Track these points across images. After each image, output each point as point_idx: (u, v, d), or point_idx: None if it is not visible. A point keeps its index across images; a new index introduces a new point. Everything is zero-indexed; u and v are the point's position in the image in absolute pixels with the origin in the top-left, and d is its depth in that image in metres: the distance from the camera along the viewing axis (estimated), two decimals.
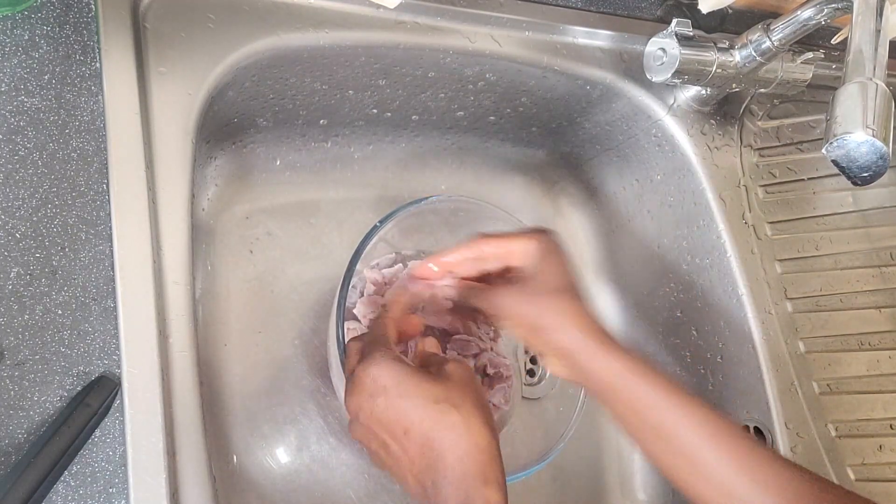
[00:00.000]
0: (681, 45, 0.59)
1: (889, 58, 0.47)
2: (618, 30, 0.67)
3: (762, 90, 0.65)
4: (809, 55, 0.64)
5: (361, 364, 0.43)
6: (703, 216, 0.67)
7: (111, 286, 0.44)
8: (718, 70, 0.60)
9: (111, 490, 0.41)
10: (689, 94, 0.68)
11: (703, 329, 0.68)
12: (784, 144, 0.73)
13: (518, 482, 0.53)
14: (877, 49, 0.46)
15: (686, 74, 0.60)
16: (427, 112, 0.69)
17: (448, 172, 0.77)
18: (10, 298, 0.42)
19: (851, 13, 0.48)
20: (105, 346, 0.43)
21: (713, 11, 0.65)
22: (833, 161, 0.45)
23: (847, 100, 0.45)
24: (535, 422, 0.61)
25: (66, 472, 0.40)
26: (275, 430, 0.61)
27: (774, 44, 0.59)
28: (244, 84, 0.57)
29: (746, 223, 0.67)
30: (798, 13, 0.56)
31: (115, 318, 0.43)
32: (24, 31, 0.46)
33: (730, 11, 0.70)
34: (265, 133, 0.65)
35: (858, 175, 0.45)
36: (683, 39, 0.59)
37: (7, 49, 0.45)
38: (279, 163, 0.69)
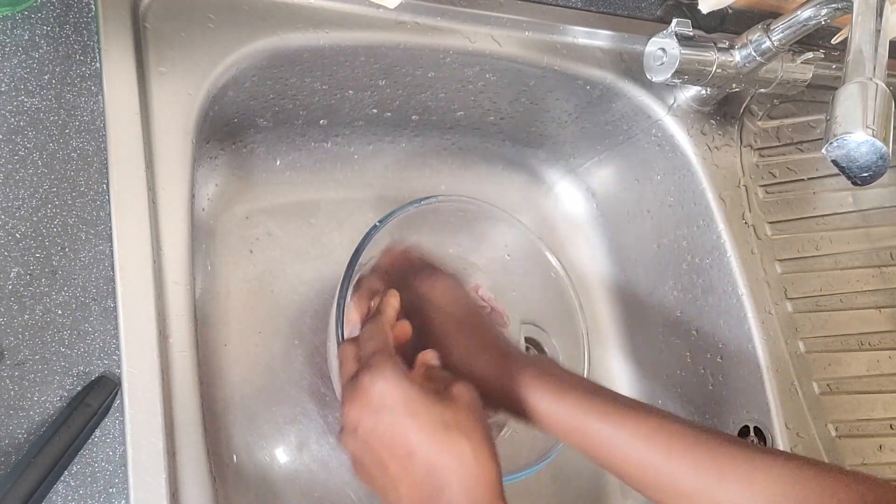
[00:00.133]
0: (681, 45, 0.59)
1: (889, 58, 0.47)
2: (618, 30, 0.67)
3: (762, 90, 0.65)
4: (809, 55, 0.64)
5: (368, 375, 0.41)
6: (703, 216, 0.67)
7: (111, 286, 0.44)
8: (718, 70, 0.60)
9: (111, 490, 0.41)
10: (689, 94, 0.68)
11: (703, 329, 0.68)
12: (784, 144, 0.73)
13: (518, 482, 0.53)
14: (877, 49, 0.46)
15: (686, 74, 0.60)
16: (427, 112, 0.69)
17: (448, 172, 0.77)
18: (10, 298, 0.42)
19: (851, 13, 0.48)
20: (105, 346, 0.43)
21: (713, 11, 0.65)
22: (833, 161, 0.45)
23: (847, 100, 0.45)
24: None
25: (66, 472, 0.40)
26: (275, 430, 0.61)
27: (774, 44, 0.59)
28: (244, 84, 0.57)
29: (746, 223, 0.67)
30: (798, 13, 0.56)
31: (115, 318, 0.43)
32: (24, 31, 0.46)
33: (730, 11, 0.70)
34: (265, 133, 0.65)
35: (858, 175, 0.45)
36: (683, 39, 0.59)
37: (7, 49, 0.45)
38: (279, 163, 0.69)
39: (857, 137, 0.44)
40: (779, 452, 0.44)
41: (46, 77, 0.46)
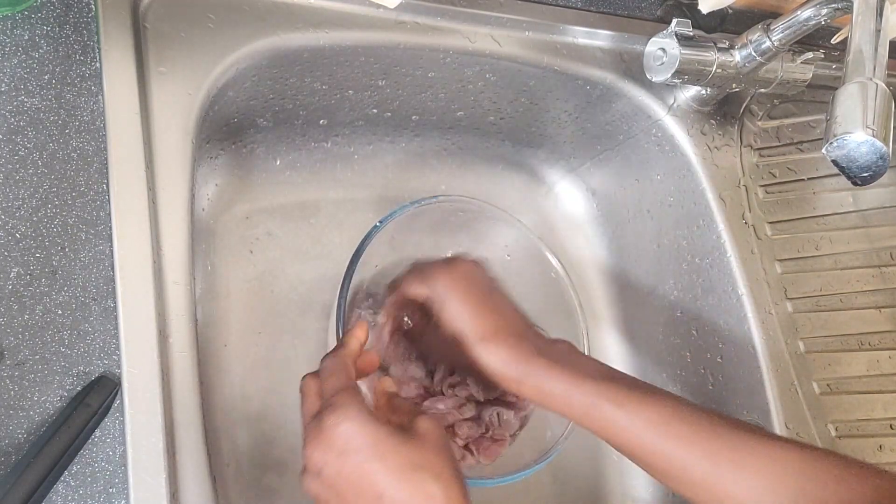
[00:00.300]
0: (681, 45, 0.59)
1: (889, 58, 0.47)
2: (618, 30, 0.67)
3: (762, 90, 0.65)
4: (809, 55, 0.64)
5: (332, 416, 0.39)
6: (703, 216, 0.67)
7: (111, 286, 0.44)
8: (718, 70, 0.60)
9: (111, 490, 0.41)
10: (689, 94, 0.68)
11: (703, 329, 0.68)
12: (784, 144, 0.73)
13: (518, 482, 0.53)
14: (877, 49, 0.46)
15: (686, 74, 0.60)
16: (427, 112, 0.69)
17: (448, 172, 0.77)
18: (10, 298, 0.42)
19: (851, 13, 0.48)
20: (105, 346, 0.43)
21: (713, 11, 0.65)
22: (833, 161, 0.45)
23: (847, 100, 0.45)
24: (536, 422, 0.61)
25: (66, 472, 0.40)
26: (275, 430, 0.61)
27: (774, 44, 0.59)
28: (244, 84, 0.57)
29: (746, 223, 0.67)
30: (798, 13, 0.56)
31: (115, 318, 0.43)
32: (24, 31, 0.46)
33: (730, 11, 0.70)
34: (265, 133, 0.65)
35: (858, 175, 0.45)
36: (683, 39, 0.59)
37: (7, 49, 0.45)
38: (279, 163, 0.69)
39: (857, 137, 0.43)
40: (794, 443, 0.44)
41: (46, 77, 0.46)
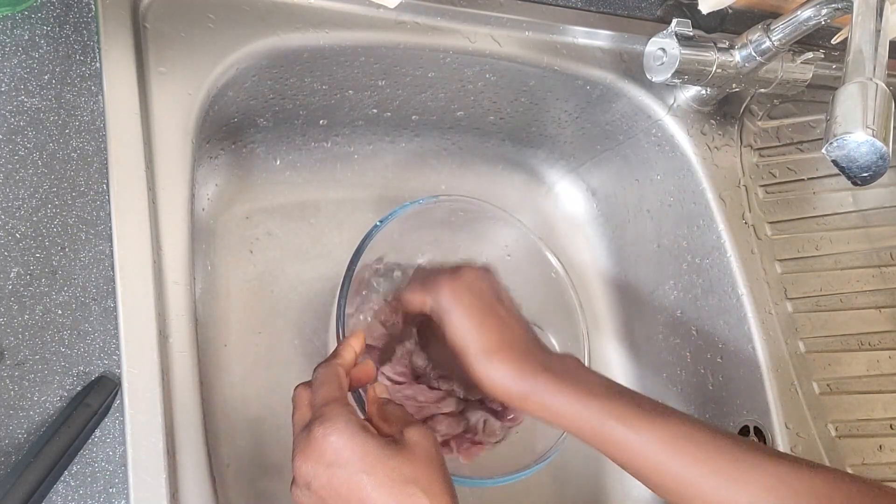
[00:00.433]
0: (681, 45, 0.59)
1: (889, 58, 0.47)
2: (618, 30, 0.67)
3: (762, 90, 0.65)
4: (809, 55, 0.64)
5: (321, 428, 0.39)
6: (703, 216, 0.67)
7: (111, 286, 0.44)
8: (718, 70, 0.60)
9: (111, 490, 0.41)
10: (689, 94, 0.68)
11: (703, 329, 0.68)
12: (784, 144, 0.73)
13: (518, 482, 0.53)
14: (877, 49, 0.46)
15: (686, 74, 0.60)
16: (427, 112, 0.69)
17: (448, 172, 0.77)
18: (10, 298, 0.42)
19: (851, 13, 0.48)
20: (105, 346, 0.43)
21: (713, 11, 0.65)
22: (833, 161, 0.45)
23: (847, 100, 0.45)
24: (535, 422, 0.61)
25: (66, 472, 0.40)
26: (275, 430, 0.61)
27: (774, 44, 0.59)
28: (244, 84, 0.57)
29: (746, 223, 0.67)
30: (798, 13, 0.56)
31: (115, 318, 0.43)
32: (24, 31, 0.46)
33: (730, 11, 0.70)
34: (265, 133, 0.65)
35: (858, 175, 0.45)
36: (683, 39, 0.59)
37: (7, 49, 0.45)
38: (279, 162, 0.69)
39: (857, 137, 0.43)
40: (804, 462, 0.44)
41: (46, 77, 0.46)
